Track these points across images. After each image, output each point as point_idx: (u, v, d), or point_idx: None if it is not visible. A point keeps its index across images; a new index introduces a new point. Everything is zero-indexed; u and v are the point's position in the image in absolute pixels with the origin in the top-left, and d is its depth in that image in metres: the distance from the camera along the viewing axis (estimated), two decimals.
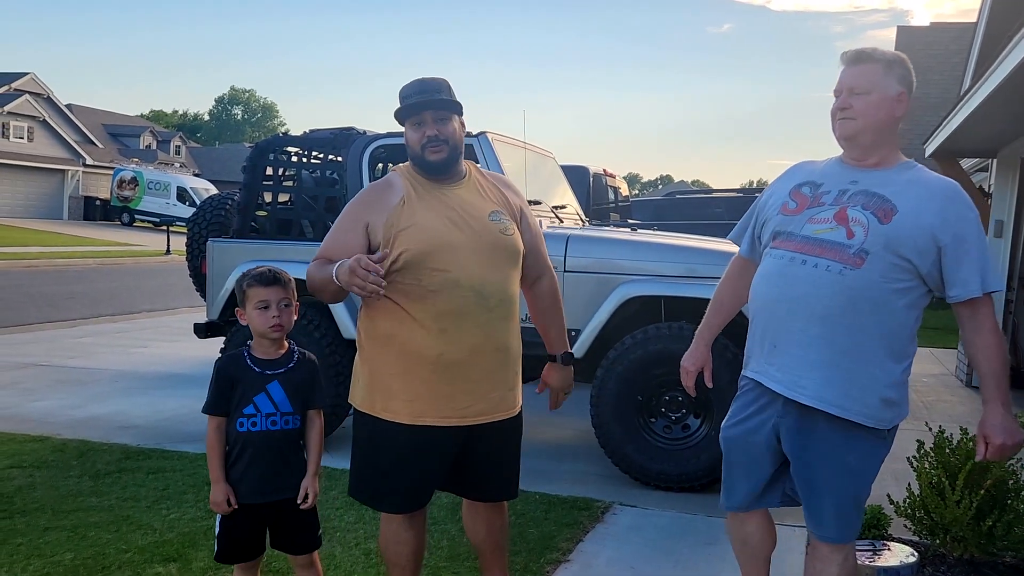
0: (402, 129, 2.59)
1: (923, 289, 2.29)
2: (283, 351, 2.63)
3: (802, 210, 2.37)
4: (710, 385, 2.75)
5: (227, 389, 2.55)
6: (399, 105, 2.55)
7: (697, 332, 2.74)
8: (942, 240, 2.22)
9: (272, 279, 2.57)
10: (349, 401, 2.65)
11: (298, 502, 2.57)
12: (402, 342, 2.48)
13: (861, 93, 2.29)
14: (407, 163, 2.64)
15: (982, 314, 2.27)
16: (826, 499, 2.34)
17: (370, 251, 2.46)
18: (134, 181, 37.19)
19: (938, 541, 3.46)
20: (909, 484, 3.63)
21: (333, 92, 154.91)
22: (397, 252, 2.42)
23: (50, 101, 41.02)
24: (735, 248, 2.73)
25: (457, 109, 2.57)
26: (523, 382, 2.76)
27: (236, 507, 2.53)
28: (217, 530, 2.60)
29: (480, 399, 2.52)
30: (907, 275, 2.25)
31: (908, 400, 2.37)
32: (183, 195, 36.43)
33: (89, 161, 40.21)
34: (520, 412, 2.69)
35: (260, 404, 2.55)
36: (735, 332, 3.26)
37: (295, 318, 2.63)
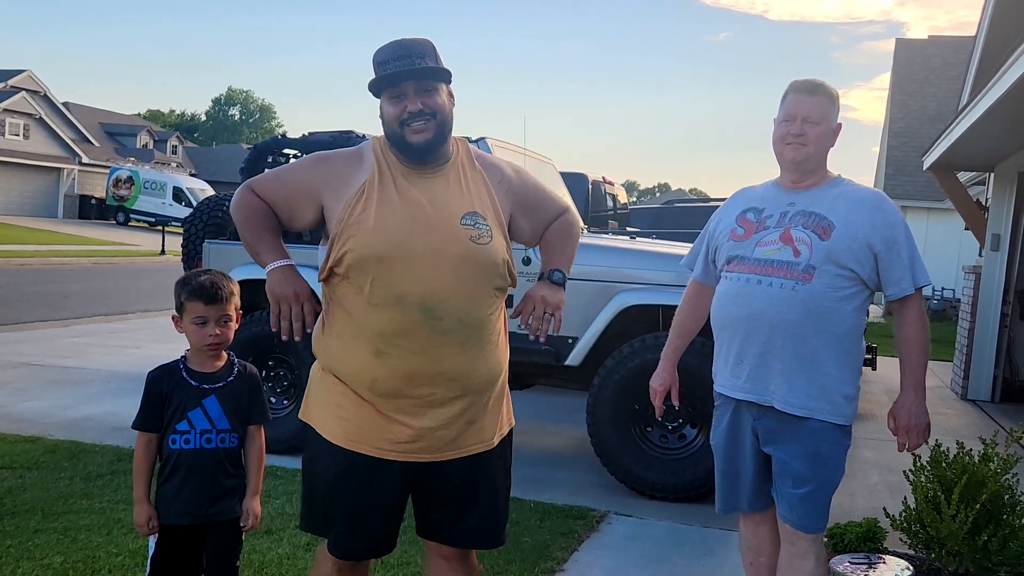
0: None
1: (866, 292, 2.52)
2: (221, 363, 2.47)
3: (750, 235, 2.58)
4: (677, 404, 2.90)
5: (159, 404, 2.40)
6: (373, 74, 2.14)
7: (663, 354, 2.88)
8: (876, 247, 2.46)
9: (213, 296, 2.38)
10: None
11: (241, 525, 2.43)
12: (340, 356, 2.14)
13: (814, 123, 2.50)
14: (383, 136, 2.24)
15: (909, 308, 2.52)
16: (805, 488, 2.51)
17: (324, 230, 2.18)
18: (130, 180, 37.11)
19: (933, 555, 3.45)
20: (905, 498, 3.62)
21: (330, 94, 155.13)
22: (341, 251, 2.08)
23: (47, 99, 40.93)
24: None
25: (446, 77, 2.15)
26: (512, 389, 2.48)
27: (156, 531, 2.39)
28: (151, 551, 2.43)
29: (426, 435, 2.12)
30: (851, 283, 2.47)
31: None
32: (179, 195, 36.36)
33: (85, 160, 40.13)
34: (502, 444, 2.27)
35: (195, 420, 2.39)
36: None
37: (234, 332, 2.45)
